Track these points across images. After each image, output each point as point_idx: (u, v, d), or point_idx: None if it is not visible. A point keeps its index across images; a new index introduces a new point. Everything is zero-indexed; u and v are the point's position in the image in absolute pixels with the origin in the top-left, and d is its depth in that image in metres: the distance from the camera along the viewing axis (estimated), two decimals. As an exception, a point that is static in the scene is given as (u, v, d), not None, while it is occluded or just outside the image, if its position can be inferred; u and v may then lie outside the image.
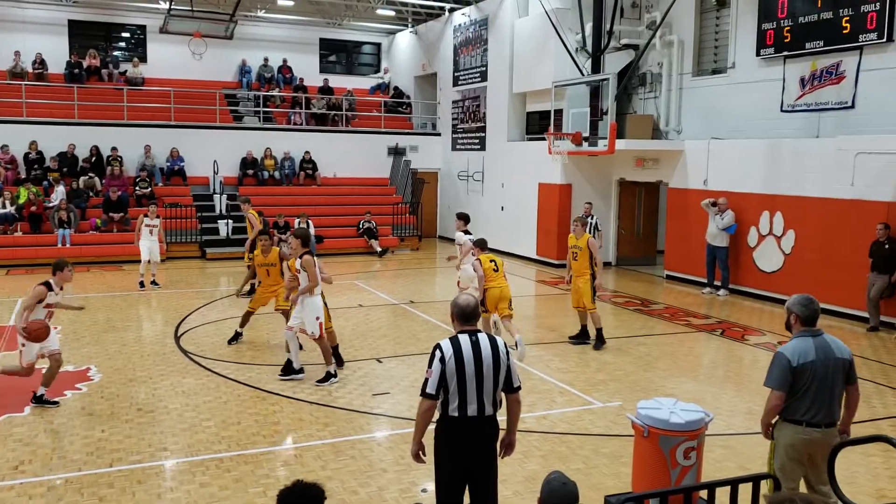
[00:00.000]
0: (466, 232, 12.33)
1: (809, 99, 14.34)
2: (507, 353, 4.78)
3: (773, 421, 5.16)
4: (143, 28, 25.89)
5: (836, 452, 4.94)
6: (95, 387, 8.95)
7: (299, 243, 9.26)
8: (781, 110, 14.90)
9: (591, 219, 16.27)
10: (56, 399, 8.33)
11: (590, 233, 16.17)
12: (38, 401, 8.22)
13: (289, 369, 9.39)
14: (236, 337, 11.10)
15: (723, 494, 4.33)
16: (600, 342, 11.10)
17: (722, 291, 15.46)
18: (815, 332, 5.04)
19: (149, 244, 15.25)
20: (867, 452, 7.11)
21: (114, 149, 21.08)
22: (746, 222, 15.16)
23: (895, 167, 12.48)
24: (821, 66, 14.09)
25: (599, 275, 11.17)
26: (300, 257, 9.12)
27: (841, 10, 13.47)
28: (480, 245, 10.92)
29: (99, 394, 8.68)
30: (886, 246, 12.28)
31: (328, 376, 9.22)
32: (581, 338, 11.40)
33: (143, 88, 23.83)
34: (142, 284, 15.21)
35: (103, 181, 20.57)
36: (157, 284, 15.41)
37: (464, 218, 12.66)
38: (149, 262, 15.28)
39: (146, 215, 15.51)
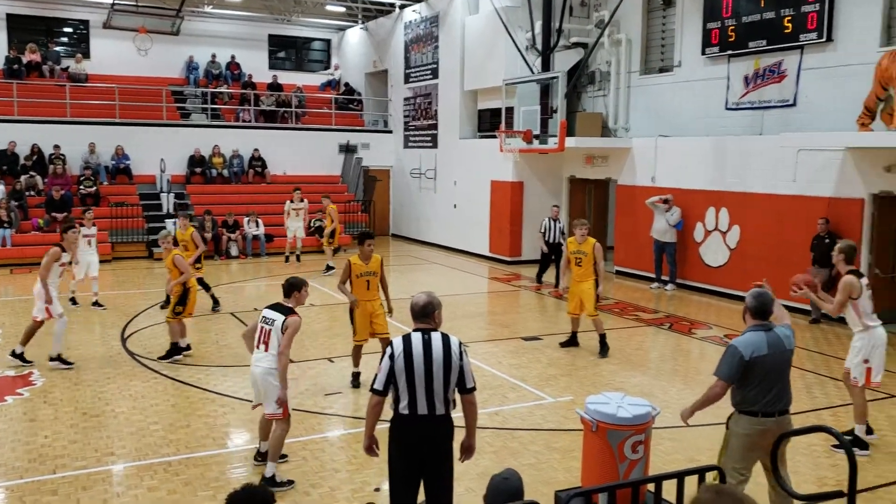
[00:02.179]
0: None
1: (753, 97, 14.67)
2: (461, 353, 4.78)
3: (730, 414, 5.31)
4: (85, 23, 25.25)
5: (779, 443, 5.08)
6: (38, 391, 8.73)
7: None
8: (726, 108, 15.21)
9: (558, 223, 16.26)
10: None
11: (554, 239, 16.20)
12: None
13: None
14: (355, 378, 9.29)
15: (670, 486, 4.40)
16: (605, 349, 10.61)
17: (669, 286, 15.73)
18: (766, 325, 5.22)
19: (87, 258, 13.39)
20: (810, 442, 7.31)
21: (56, 147, 20.54)
22: (693, 218, 15.44)
23: (835, 163, 12.85)
24: (764, 65, 14.41)
25: (602, 282, 10.62)
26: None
27: (783, 11, 13.79)
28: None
29: (42, 399, 8.46)
30: (827, 240, 12.60)
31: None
32: (571, 344, 11.00)
33: (86, 85, 23.26)
34: (73, 301, 13.36)
35: (45, 180, 20.03)
36: (101, 306, 13.39)
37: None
38: (81, 279, 13.44)
39: (82, 224, 13.27)
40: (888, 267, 12.70)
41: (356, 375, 9.12)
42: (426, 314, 4.82)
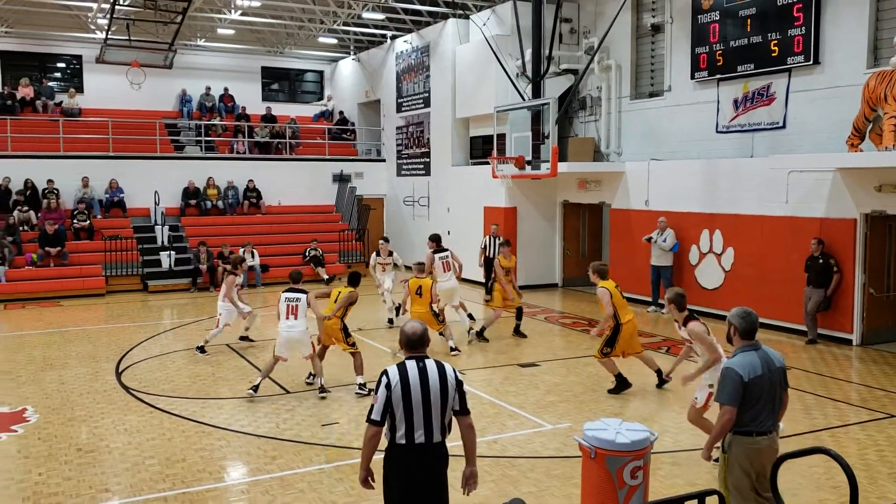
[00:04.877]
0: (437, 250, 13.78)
1: (743, 120, 14.78)
2: (456, 378, 4.76)
3: (725, 437, 5.25)
4: (78, 58, 25.45)
5: (779, 465, 5.05)
6: (32, 428, 8.65)
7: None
8: (717, 131, 15.32)
9: (498, 239, 16.19)
10: None
11: (493, 254, 15.99)
12: None
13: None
14: None
15: (670, 512, 4.37)
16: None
17: (666, 309, 15.69)
18: (755, 345, 5.19)
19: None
20: (810, 464, 7.26)
21: (50, 181, 20.57)
22: (687, 241, 15.48)
23: (825, 184, 12.92)
24: (752, 88, 14.54)
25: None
26: None
27: (769, 35, 13.95)
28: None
29: (36, 435, 8.38)
30: (820, 261, 12.66)
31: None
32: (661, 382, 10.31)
33: (79, 119, 23.37)
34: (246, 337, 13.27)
35: (39, 215, 20.03)
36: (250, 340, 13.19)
37: (435, 239, 14.15)
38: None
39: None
40: (883, 286, 12.74)
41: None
42: (422, 342, 4.81)
